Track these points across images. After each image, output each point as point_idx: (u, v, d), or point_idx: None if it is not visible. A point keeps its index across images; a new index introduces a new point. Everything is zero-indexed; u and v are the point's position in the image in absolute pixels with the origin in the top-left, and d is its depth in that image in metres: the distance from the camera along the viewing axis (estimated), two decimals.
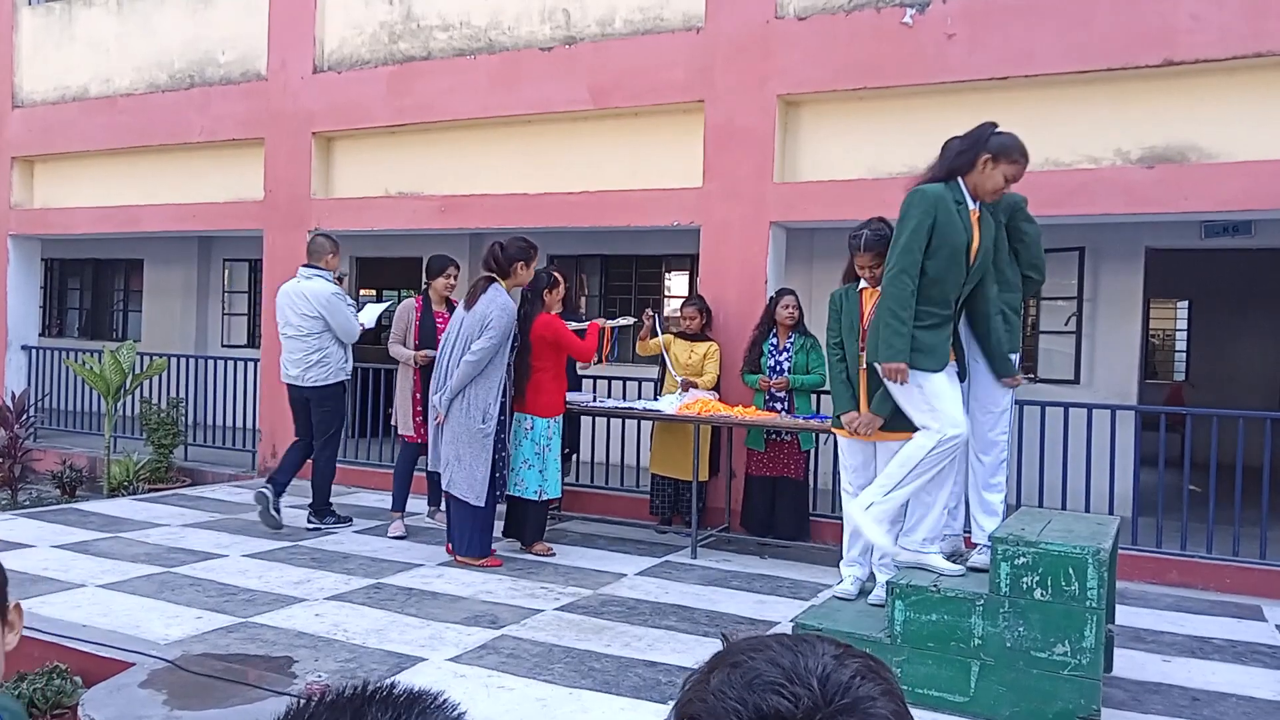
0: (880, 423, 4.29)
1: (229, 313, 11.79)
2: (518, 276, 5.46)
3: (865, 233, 4.31)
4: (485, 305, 5.29)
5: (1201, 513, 6.01)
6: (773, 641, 0.77)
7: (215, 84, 8.97)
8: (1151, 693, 3.85)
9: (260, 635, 4.20)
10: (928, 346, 3.80)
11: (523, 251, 5.45)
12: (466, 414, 5.28)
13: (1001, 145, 3.78)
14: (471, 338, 5.27)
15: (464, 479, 5.31)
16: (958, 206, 3.76)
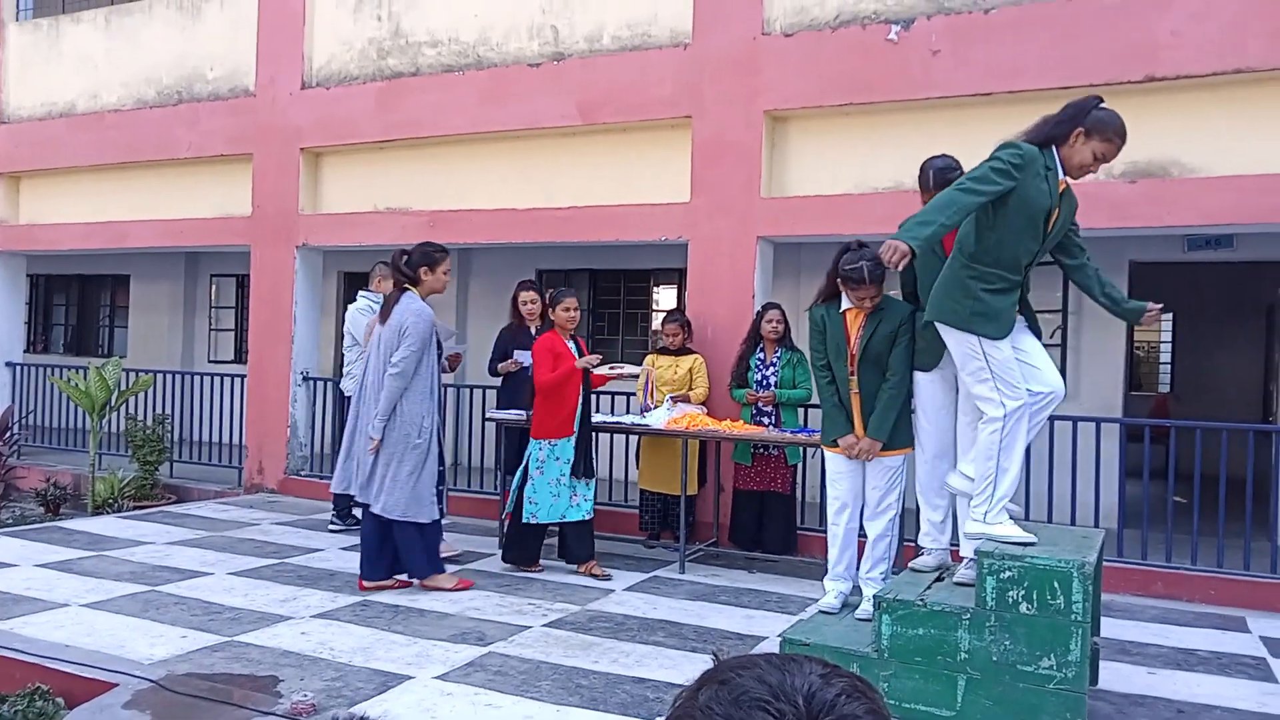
0: (879, 447, 4.31)
1: (216, 328, 11.74)
2: (428, 283, 5.22)
3: (865, 265, 4.24)
4: (400, 314, 5.08)
5: (1186, 524, 6.04)
6: (761, 660, 0.78)
7: (203, 100, 8.97)
8: (1137, 705, 3.86)
9: (246, 654, 4.18)
10: (994, 311, 3.66)
11: (426, 256, 5.22)
12: (399, 429, 5.04)
13: (1098, 120, 3.55)
14: (391, 350, 5.07)
15: (404, 498, 5.02)
16: (1047, 172, 3.60)
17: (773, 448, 6.18)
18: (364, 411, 5.17)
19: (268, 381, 8.52)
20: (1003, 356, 3.73)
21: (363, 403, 5.20)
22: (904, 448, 4.38)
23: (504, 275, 9.35)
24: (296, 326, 8.46)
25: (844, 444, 4.37)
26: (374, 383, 5.12)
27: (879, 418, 4.29)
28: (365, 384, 5.19)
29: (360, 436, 5.17)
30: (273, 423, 8.47)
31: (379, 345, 5.16)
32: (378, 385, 5.08)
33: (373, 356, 5.19)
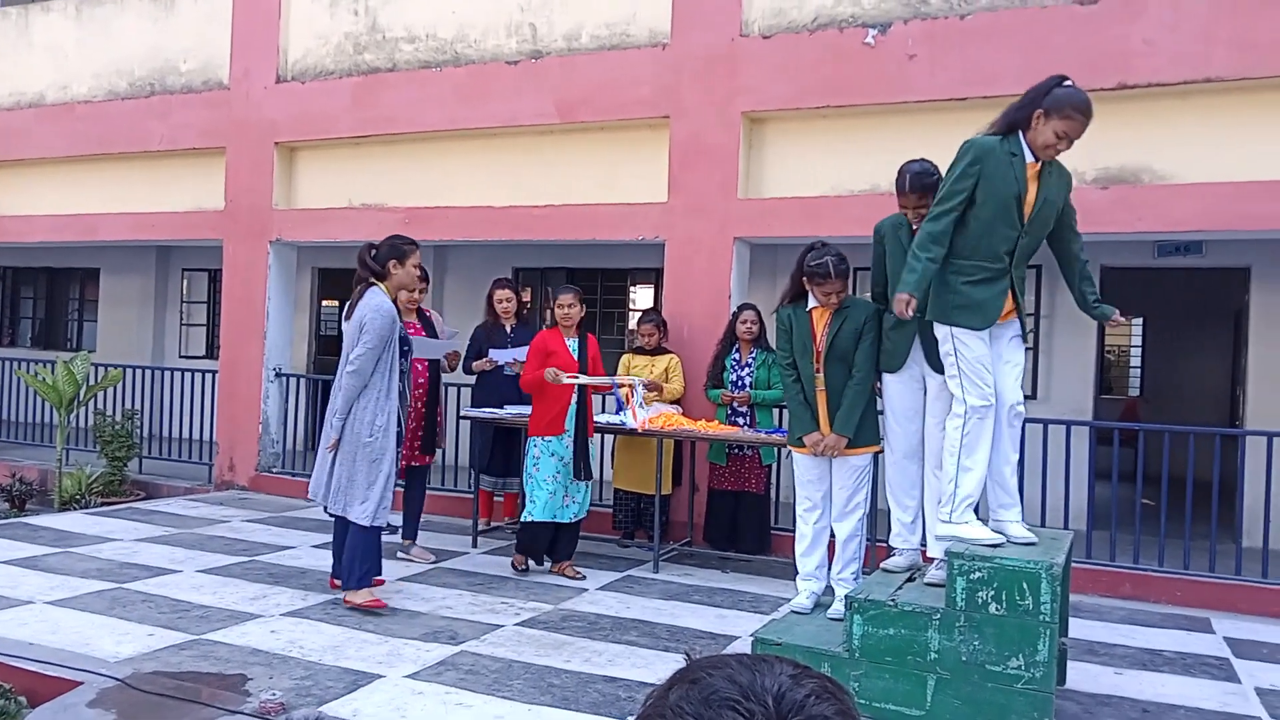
0: (844, 443, 4.33)
1: (187, 323, 11.62)
2: (396, 277, 4.95)
3: (830, 260, 4.29)
4: (361, 311, 4.85)
5: (1154, 527, 6.12)
6: (733, 660, 0.78)
7: (176, 92, 8.87)
8: (1103, 705, 3.91)
9: (214, 652, 4.13)
10: (974, 302, 3.68)
11: (394, 249, 4.95)
12: (353, 428, 4.80)
13: (1055, 99, 3.54)
14: (351, 347, 4.86)
15: (355, 499, 4.80)
16: (1011, 158, 3.62)
17: (747, 448, 6.20)
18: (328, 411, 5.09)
19: (239, 377, 8.44)
20: (973, 354, 3.75)
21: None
22: (870, 446, 4.41)
23: (480, 273, 9.32)
24: (269, 322, 8.38)
25: (809, 441, 4.39)
26: (336, 381, 5.00)
27: (844, 414, 4.32)
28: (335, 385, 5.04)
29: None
30: (244, 419, 8.38)
31: (344, 342, 5.01)
32: (338, 383, 4.95)
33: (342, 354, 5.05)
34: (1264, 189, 5.47)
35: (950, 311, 3.75)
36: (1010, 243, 3.73)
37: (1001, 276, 3.75)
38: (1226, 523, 6.38)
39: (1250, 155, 5.59)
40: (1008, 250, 3.73)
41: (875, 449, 4.47)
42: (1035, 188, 3.69)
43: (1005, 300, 3.77)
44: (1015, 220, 3.69)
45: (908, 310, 3.66)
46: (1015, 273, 3.79)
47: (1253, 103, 5.61)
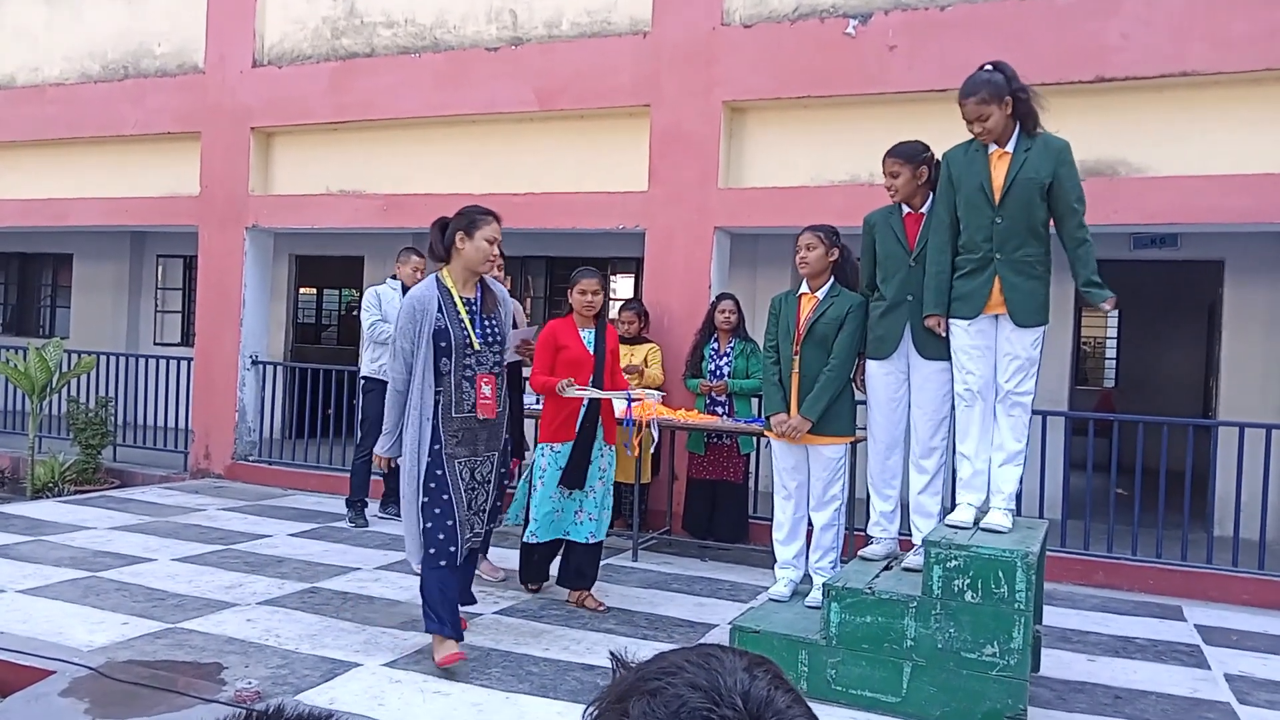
0: (808, 426, 4.35)
1: (162, 310, 11.49)
2: (465, 253, 3.94)
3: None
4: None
5: (1127, 516, 6.19)
6: (683, 661, 0.76)
7: (150, 76, 8.74)
8: (1076, 691, 3.95)
9: (189, 641, 4.10)
10: (962, 294, 3.90)
11: (461, 218, 3.99)
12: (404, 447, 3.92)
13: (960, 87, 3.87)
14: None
15: (406, 533, 3.96)
16: (973, 152, 3.86)
17: (726, 437, 6.21)
18: None
19: (215, 365, 8.36)
20: (958, 344, 3.94)
21: None
22: (844, 436, 4.43)
23: None
24: (245, 309, 8.30)
25: (775, 421, 4.42)
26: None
27: (813, 398, 4.33)
28: None
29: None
30: (220, 407, 8.31)
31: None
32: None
33: None
34: (1237, 182, 5.53)
35: (951, 306, 3.96)
36: (986, 229, 3.81)
37: (984, 267, 3.83)
38: (1198, 512, 6.46)
39: (1224, 149, 5.64)
40: (985, 238, 3.81)
41: (850, 439, 4.50)
42: (1003, 170, 3.79)
43: (990, 290, 3.83)
44: (985, 205, 3.81)
45: (940, 328, 3.98)
46: (1001, 259, 3.80)
47: (1227, 97, 5.66)
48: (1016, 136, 3.82)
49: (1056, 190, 3.78)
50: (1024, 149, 3.78)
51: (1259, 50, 5.45)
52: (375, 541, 6.11)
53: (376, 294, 6.61)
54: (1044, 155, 3.77)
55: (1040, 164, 3.76)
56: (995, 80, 3.76)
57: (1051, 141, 3.81)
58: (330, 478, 7.73)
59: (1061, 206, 3.79)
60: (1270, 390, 7.25)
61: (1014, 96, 3.77)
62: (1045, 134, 3.85)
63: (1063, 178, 3.77)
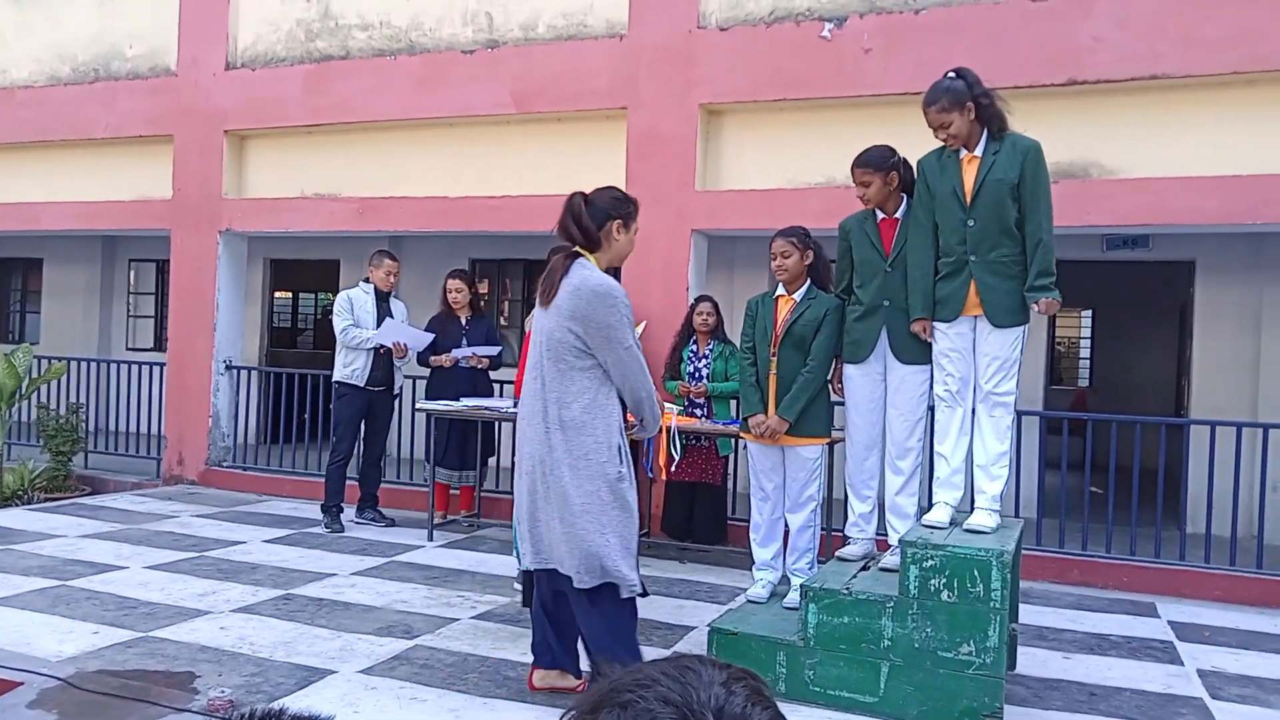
0: (785, 427, 4.36)
1: (134, 315, 11.36)
2: (616, 248, 3.53)
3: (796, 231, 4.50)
4: (577, 292, 3.37)
5: (1101, 514, 6.24)
6: (657, 674, 0.75)
7: (122, 78, 8.65)
8: (1052, 689, 3.98)
9: (161, 650, 4.04)
10: (942, 298, 3.95)
11: (620, 204, 3.53)
12: (584, 456, 3.35)
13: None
14: (566, 347, 3.38)
15: (593, 552, 3.32)
16: (945, 158, 3.91)
17: (704, 439, 6.21)
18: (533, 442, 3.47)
19: (188, 370, 8.27)
20: (938, 347, 3.99)
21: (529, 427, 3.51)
22: (820, 437, 4.44)
23: (437, 264, 9.21)
24: (219, 314, 8.22)
25: (753, 423, 4.43)
26: (550, 389, 3.42)
27: (790, 399, 4.34)
28: (540, 394, 3.46)
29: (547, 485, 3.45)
30: (194, 413, 8.22)
31: (543, 342, 3.46)
32: (544, 399, 3.42)
33: (540, 355, 3.47)
34: (1207, 184, 5.60)
35: (935, 310, 4.00)
36: (960, 232, 3.85)
37: (960, 270, 3.88)
38: (1172, 510, 6.53)
39: (1194, 151, 5.71)
40: (959, 241, 3.86)
41: (827, 440, 4.51)
42: (973, 173, 3.84)
43: (967, 293, 3.86)
44: (958, 209, 3.86)
45: (926, 333, 4.01)
46: (976, 261, 3.83)
47: (1197, 99, 5.73)
48: (984, 140, 3.86)
49: (1023, 189, 3.81)
50: (992, 151, 3.84)
51: (1228, 53, 5.52)
52: (351, 547, 6.06)
53: (349, 298, 6.56)
54: (1012, 156, 3.81)
55: (1009, 165, 3.80)
56: (955, 88, 3.80)
57: (1020, 142, 3.85)
58: (306, 483, 7.67)
59: (1027, 205, 3.82)
60: (1241, 389, 7.34)
61: (975, 102, 3.80)
62: (1014, 135, 3.88)
63: (1029, 176, 3.80)
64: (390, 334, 6.41)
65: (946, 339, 3.95)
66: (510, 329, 9.90)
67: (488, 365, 6.70)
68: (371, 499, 6.80)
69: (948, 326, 3.93)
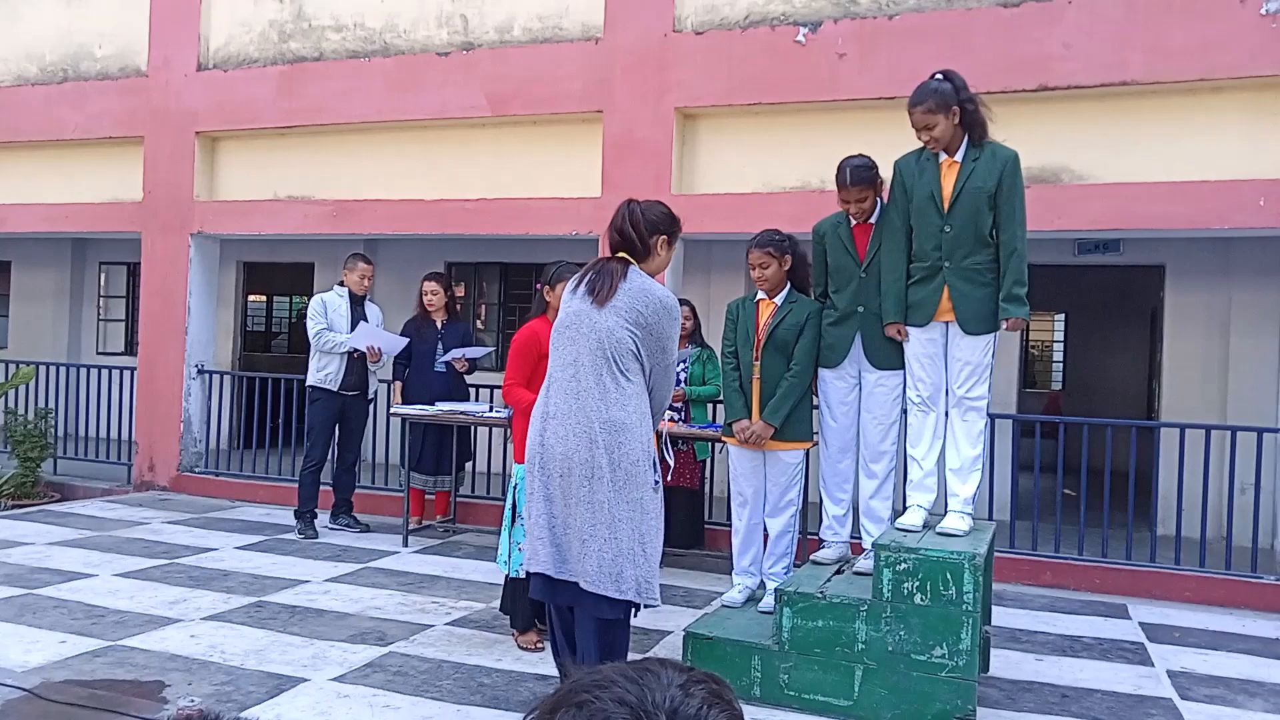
0: (771, 432, 4.36)
1: (105, 318, 11.22)
2: (659, 260, 3.51)
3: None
4: (635, 298, 3.29)
5: (1074, 516, 6.30)
6: (617, 675, 0.75)
7: (91, 79, 8.54)
8: (1025, 691, 4.01)
9: (130, 659, 3.99)
10: (915, 303, 3.95)
11: (668, 220, 3.53)
12: (631, 461, 3.21)
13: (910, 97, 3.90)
14: (623, 350, 3.26)
15: (628, 564, 3.19)
16: (924, 161, 3.91)
17: (681, 443, 6.21)
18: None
19: (159, 374, 8.17)
20: (911, 351, 4.01)
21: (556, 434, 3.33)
22: (802, 442, 4.45)
23: (412, 267, 9.16)
24: (191, 317, 8.13)
25: (737, 428, 4.43)
26: (575, 395, 3.28)
27: (775, 404, 4.35)
28: (577, 392, 3.28)
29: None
30: (165, 418, 8.12)
31: (595, 341, 3.28)
32: (588, 397, 3.26)
33: (569, 356, 3.33)
34: (1174, 189, 5.67)
35: (907, 313, 4.02)
36: (935, 238, 3.86)
37: (934, 275, 3.89)
38: (1142, 512, 6.60)
39: (1162, 157, 5.78)
40: (935, 246, 3.86)
41: (809, 444, 4.52)
42: (952, 179, 3.84)
43: (940, 298, 3.87)
44: (934, 214, 3.86)
45: (901, 335, 4.01)
46: (950, 268, 3.85)
47: (1164, 106, 5.80)
48: (965, 145, 3.86)
49: (1000, 198, 3.82)
50: (972, 158, 3.83)
51: (1194, 61, 5.59)
52: (325, 553, 6.01)
53: (323, 301, 6.51)
54: (991, 165, 3.82)
55: (987, 173, 3.81)
56: (943, 90, 3.80)
57: (1000, 151, 3.85)
58: (279, 489, 7.60)
59: (1003, 214, 3.83)
60: (1210, 392, 7.43)
61: (961, 106, 3.81)
62: (994, 143, 3.89)
63: (1007, 187, 3.81)
64: (364, 338, 6.37)
65: (918, 344, 3.97)
66: (486, 332, 9.86)
67: (466, 369, 6.66)
68: (346, 504, 6.74)
69: (920, 332, 3.95)
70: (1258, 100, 5.65)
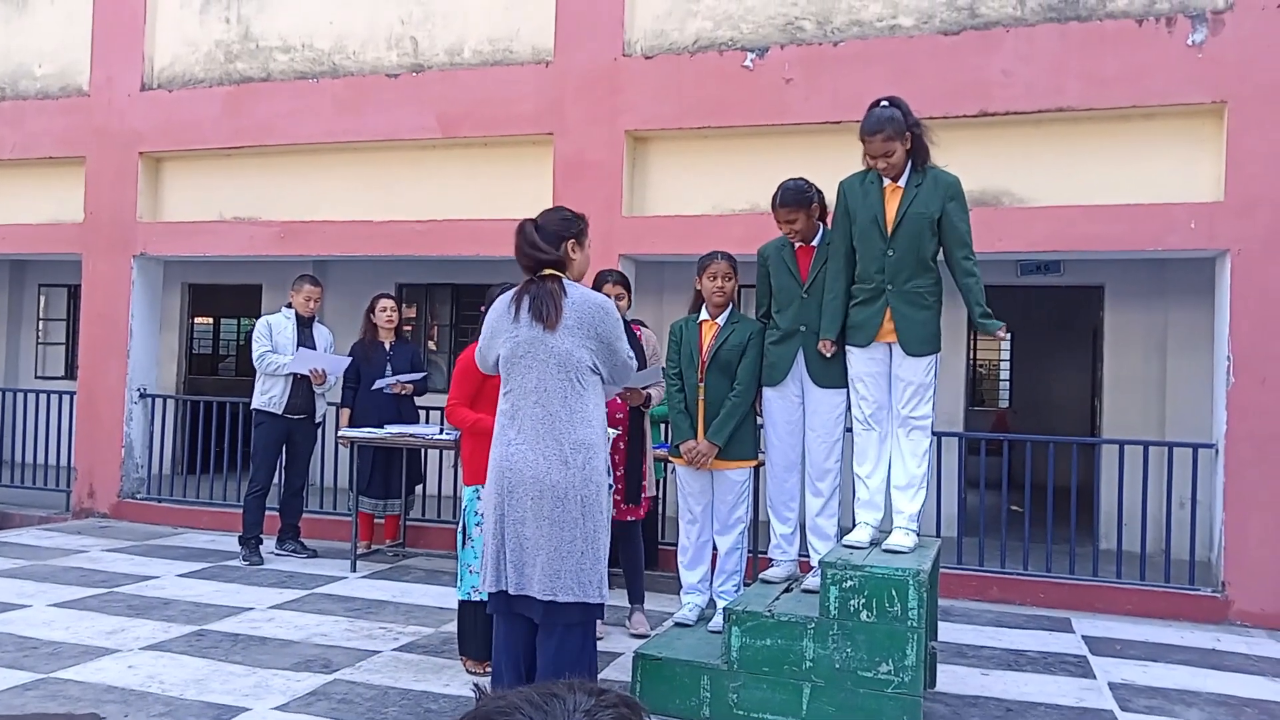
0: (715, 451, 4.39)
1: (44, 342, 10.94)
2: (573, 265, 3.44)
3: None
4: (582, 314, 3.31)
5: (1019, 532, 6.41)
6: (521, 701, 0.74)
7: (30, 97, 8.38)
8: (970, 706, 4.05)
9: (64, 691, 3.87)
10: (856, 323, 4.01)
11: (568, 224, 3.45)
12: (598, 481, 3.30)
13: (860, 130, 3.91)
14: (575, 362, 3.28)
15: (584, 569, 3.27)
16: (868, 185, 3.95)
17: None
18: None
19: (100, 399, 7.98)
20: (853, 371, 4.06)
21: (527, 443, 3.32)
22: (747, 460, 4.48)
23: (362, 289, 9.07)
24: (133, 340, 7.97)
25: (684, 448, 4.44)
26: (541, 420, 3.27)
27: (718, 424, 4.38)
28: (535, 410, 3.29)
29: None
30: (105, 443, 7.93)
31: (553, 364, 3.28)
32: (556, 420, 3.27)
33: (530, 383, 3.29)
34: (1111, 212, 5.83)
35: (830, 331, 4.07)
36: (879, 261, 3.91)
37: (877, 297, 3.94)
38: (1086, 527, 6.73)
39: (1099, 181, 5.95)
40: (878, 269, 3.92)
41: (754, 463, 4.55)
42: (895, 204, 3.89)
43: (882, 320, 3.93)
44: (878, 238, 3.91)
45: (828, 350, 4.06)
46: (893, 290, 3.91)
47: (1100, 132, 5.98)
48: (909, 171, 3.93)
49: (945, 225, 3.89)
50: (915, 184, 3.89)
51: (1127, 89, 5.78)
52: (270, 580, 5.90)
53: (268, 324, 6.43)
54: (934, 190, 3.88)
55: (930, 199, 3.87)
56: (896, 117, 3.85)
57: (942, 177, 3.92)
58: (224, 514, 7.44)
59: (950, 240, 3.90)
60: (1149, 408, 7.62)
61: (910, 132, 3.88)
62: (935, 169, 3.95)
63: (951, 212, 3.88)
64: (305, 362, 6.28)
65: (861, 363, 4.02)
66: (439, 354, 9.79)
67: (412, 391, 6.60)
68: (293, 530, 6.63)
69: (863, 351, 4.01)
70: (1187, 127, 5.86)
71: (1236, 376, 5.62)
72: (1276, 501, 5.53)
